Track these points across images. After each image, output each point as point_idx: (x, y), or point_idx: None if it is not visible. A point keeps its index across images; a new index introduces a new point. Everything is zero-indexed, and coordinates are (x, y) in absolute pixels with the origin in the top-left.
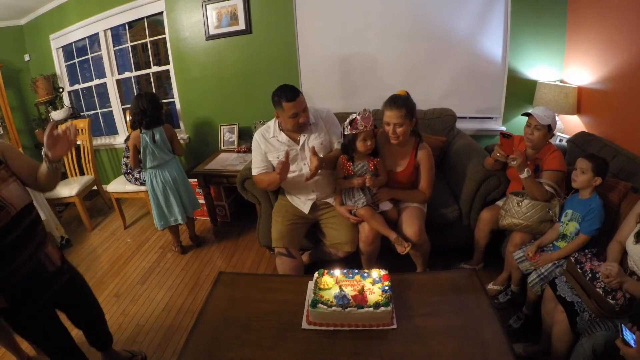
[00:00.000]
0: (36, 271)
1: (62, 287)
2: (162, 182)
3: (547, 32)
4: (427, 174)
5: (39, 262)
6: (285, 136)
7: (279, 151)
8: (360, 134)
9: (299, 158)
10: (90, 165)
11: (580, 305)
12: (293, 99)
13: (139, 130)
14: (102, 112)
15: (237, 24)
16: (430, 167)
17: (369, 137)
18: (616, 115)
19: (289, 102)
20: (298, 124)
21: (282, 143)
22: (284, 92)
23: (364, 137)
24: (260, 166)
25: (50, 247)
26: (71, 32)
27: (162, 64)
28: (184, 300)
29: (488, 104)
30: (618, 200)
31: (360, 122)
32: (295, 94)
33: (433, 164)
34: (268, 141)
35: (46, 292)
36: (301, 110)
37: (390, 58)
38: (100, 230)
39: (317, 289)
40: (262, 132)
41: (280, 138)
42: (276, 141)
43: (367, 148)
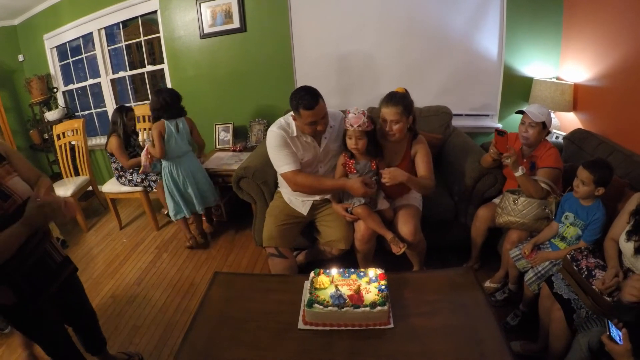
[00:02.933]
0: (44, 260)
1: (66, 279)
2: (181, 174)
3: (543, 29)
4: (425, 161)
5: (46, 252)
6: (310, 137)
7: (305, 152)
8: (347, 132)
9: (318, 159)
10: (85, 166)
11: (577, 302)
12: (312, 107)
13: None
14: (96, 112)
15: (231, 22)
16: (426, 153)
17: (355, 136)
18: (612, 112)
19: (308, 110)
20: (316, 131)
21: (307, 144)
22: (304, 97)
23: (350, 135)
24: (292, 162)
25: (54, 239)
26: (65, 32)
27: (157, 63)
28: (180, 301)
29: (484, 102)
30: (614, 196)
31: (347, 120)
32: (314, 101)
33: (429, 152)
34: (292, 139)
35: (54, 282)
36: (320, 117)
37: (386, 56)
38: (96, 231)
39: (313, 288)
40: (284, 128)
41: (305, 139)
42: (302, 141)
43: (350, 146)
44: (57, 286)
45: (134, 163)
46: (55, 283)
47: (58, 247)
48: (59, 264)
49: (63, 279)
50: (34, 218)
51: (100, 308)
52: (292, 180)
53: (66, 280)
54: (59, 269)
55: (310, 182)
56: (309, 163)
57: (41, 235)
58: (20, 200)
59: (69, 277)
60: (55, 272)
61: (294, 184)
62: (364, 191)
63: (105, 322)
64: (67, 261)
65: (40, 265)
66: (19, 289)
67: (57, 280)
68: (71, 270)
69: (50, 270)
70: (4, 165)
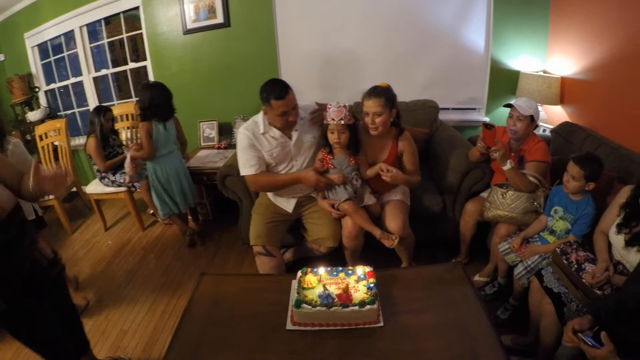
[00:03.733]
0: (33, 269)
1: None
2: (167, 172)
3: (530, 22)
4: (412, 158)
5: (35, 260)
6: (278, 132)
7: (272, 148)
8: (329, 126)
9: (291, 154)
10: (68, 167)
11: (567, 295)
12: (282, 96)
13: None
14: (79, 111)
15: (215, 17)
16: (413, 151)
17: (337, 130)
18: (600, 105)
19: (278, 100)
20: (287, 122)
21: (275, 139)
22: (273, 88)
23: (332, 129)
24: (255, 164)
25: (41, 243)
26: (46, 30)
27: (140, 60)
28: (168, 302)
29: (471, 95)
30: (603, 190)
31: (329, 114)
32: (284, 91)
33: (416, 149)
34: (258, 138)
35: (44, 283)
36: (291, 108)
37: (372, 50)
38: (81, 233)
39: (300, 288)
40: (251, 128)
41: (272, 133)
42: (269, 137)
43: (334, 141)
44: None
45: (110, 164)
46: (46, 283)
47: (45, 251)
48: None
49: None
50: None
51: (86, 312)
52: (253, 182)
53: (54, 280)
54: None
55: (267, 180)
56: (282, 159)
57: (27, 245)
58: (4, 214)
59: (58, 275)
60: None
61: (254, 184)
62: (316, 180)
63: (92, 326)
64: (56, 260)
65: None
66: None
67: (47, 280)
68: (59, 270)
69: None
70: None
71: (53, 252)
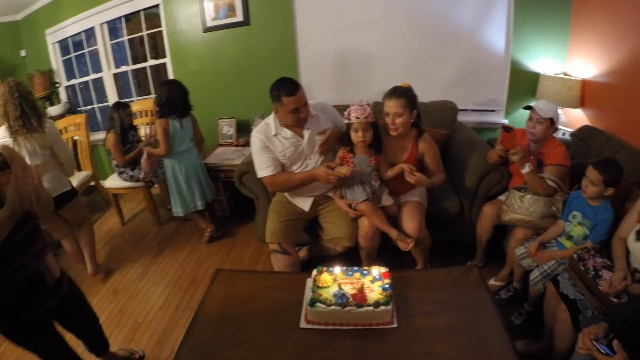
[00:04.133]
0: (34, 280)
1: (59, 301)
2: (184, 169)
3: (550, 23)
4: (434, 159)
5: (38, 272)
6: (290, 132)
7: (285, 149)
8: (352, 124)
9: (304, 154)
10: (87, 161)
11: (583, 302)
12: (293, 93)
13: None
14: (99, 106)
15: (234, 16)
16: (435, 152)
17: (362, 128)
18: (620, 108)
19: (289, 96)
20: (299, 119)
21: (287, 139)
22: (283, 86)
23: (356, 127)
24: (270, 166)
25: (50, 259)
26: (67, 27)
27: (160, 57)
28: (182, 297)
29: (490, 97)
30: (622, 195)
31: (353, 112)
32: (295, 87)
33: (437, 149)
34: (271, 139)
35: (43, 304)
36: (302, 104)
37: (391, 49)
38: (98, 227)
39: (315, 287)
40: (263, 131)
41: (284, 134)
42: (281, 138)
43: (359, 139)
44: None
45: (128, 159)
46: (44, 305)
47: (52, 268)
48: (51, 286)
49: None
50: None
51: (101, 304)
52: (269, 183)
53: (65, 297)
54: (51, 291)
55: (283, 180)
56: (295, 159)
57: (34, 254)
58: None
59: (69, 292)
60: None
61: (271, 186)
62: (328, 178)
63: (106, 318)
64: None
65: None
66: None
67: (46, 302)
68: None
69: (40, 292)
70: (7, 173)
71: (61, 272)
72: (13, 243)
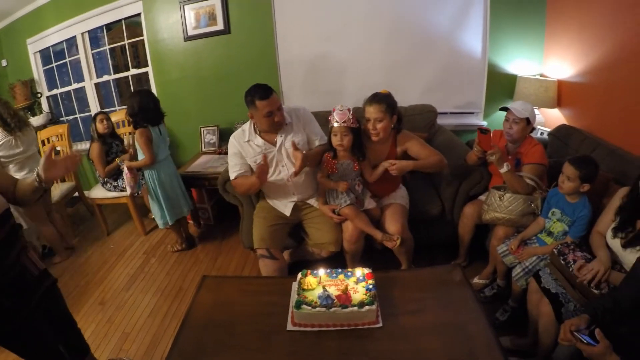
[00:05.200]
0: (22, 275)
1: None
2: (168, 176)
3: (526, 26)
4: (420, 146)
5: (24, 267)
6: (261, 139)
7: (256, 155)
8: (332, 128)
9: (276, 160)
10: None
11: (565, 296)
12: (267, 96)
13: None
14: (81, 116)
15: (215, 24)
16: (417, 140)
17: (340, 132)
18: (596, 107)
19: (263, 100)
20: (273, 123)
21: (258, 146)
22: (257, 90)
23: (335, 132)
24: (237, 170)
25: (32, 253)
26: (48, 36)
27: (141, 66)
28: (170, 305)
29: (469, 99)
30: (600, 191)
31: (333, 116)
32: (268, 92)
33: (418, 137)
34: (243, 145)
35: (33, 295)
36: (275, 108)
37: (370, 56)
38: (83, 238)
39: (300, 289)
40: (238, 136)
41: (256, 142)
42: (253, 145)
43: (337, 144)
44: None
45: (109, 170)
46: (34, 295)
47: (36, 261)
48: (37, 276)
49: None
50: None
51: (88, 315)
52: (234, 185)
53: (46, 292)
54: (38, 281)
55: (242, 183)
56: (270, 164)
57: (17, 251)
58: None
59: (49, 289)
60: (34, 284)
61: (236, 187)
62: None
63: (94, 329)
64: (44, 275)
65: (19, 280)
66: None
67: (36, 292)
68: (50, 283)
69: (28, 285)
70: None
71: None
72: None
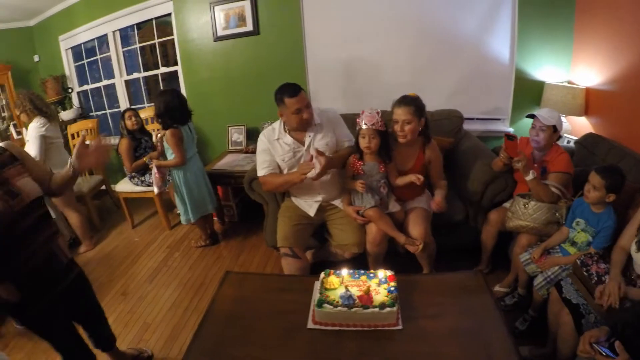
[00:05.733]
0: (49, 260)
1: (73, 281)
2: (195, 173)
3: (554, 32)
4: (438, 167)
5: (52, 252)
6: (291, 138)
7: (284, 154)
8: (360, 130)
9: (305, 160)
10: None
11: (586, 307)
12: (295, 94)
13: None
14: (110, 112)
15: (244, 25)
16: (440, 160)
17: (368, 135)
18: (624, 116)
19: (292, 97)
20: (302, 120)
21: (287, 145)
22: (286, 89)
23: (363, 134)
24: (267, 167)
25: (61, 241)
26: (80, 34)
27: (170, 65)
28: (191, 299)
29: (495, 105)
30: (626, 202)
31: (362, 118)
32: (296, 89)
33: (441, 158)
34: (273, 143)
35: (60, 282)
36: (304, 105)
37: (397, 59)
38: (109, 230)
39: (323, 288)
40: (268, 134)
41: (285, 140)
42: (282, 143)
43: (365, 146)
44: (64, 287)
45: (136, 167)
46: (60, 285)
47: (64, 249)
48: (65, 265)
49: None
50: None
51: (111, 305)
52: (262, 182)
53: (73, 282)
54: (66, 269)
55: (271, 181)
56: (294, 164)
57: (47, 236)
58: (27, 200)
59: (76, 278)
60: (61, 272)
61: (264, 185)
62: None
63: (116, 318)
64: (72, 264)
65: (46, 264)
66: (23, 286)
67: (62, 282)
68: (77, 274)
69: (55, 272)
70: (16, 166)
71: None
72: (26, 228)
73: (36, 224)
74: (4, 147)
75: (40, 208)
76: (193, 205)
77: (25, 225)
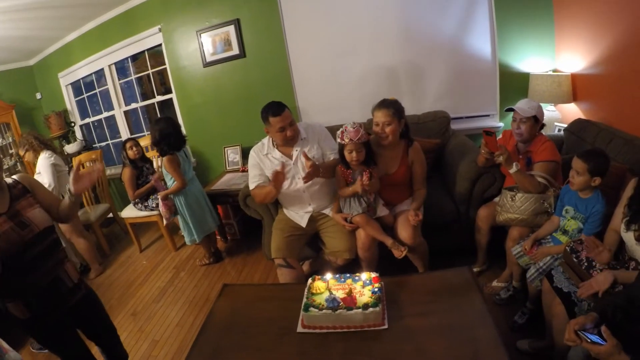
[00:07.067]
0: (55, 285)
1: (79, 301)
2: (194, 195)
3: (534, 22)
4: (421, 168)
5: (58, 278)
6: (279, 153)
7: (274, 167)
8: (346, 146)
9: (293, 173)
10: (104, 194)
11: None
12: (279, 113)
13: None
14: (112, 142)
15: (231, 50)
16: (423, 162)
17: (355, 149)
18: (610, 97)
19: (275, 116)
20: (286, 137)
21: (276, 159)
22: (270, 108)
23: (350, 148)
24: (256, 181)
25: (69, 266)
26: (78, 69)
27: (169, 92)
28: (197, 315)
29: (483, 102)
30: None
31: (347, 135)
32: (280, 109)
33: (424, 159)
34: (262, 158)
35: (64, 303)
36: (287, 124)
37: (381, 68)
38: (118, 255)
39: (309, 293)
40: (258, 149)
41: (274, 154)
42: (271, 157)
43: (352, 159)
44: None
45: (138, 195)
46: (65, 304)
47: (71, 274)
48: (70, 288)
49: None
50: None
51: (121, 324)
52: (252, 195)
53: (80, 302)
54: (70, 292)
55: (259, 192)
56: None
57: (54, 262)
58: (37, 230)
59: (83, 298)
60: (66, 295)
61: (253, 196)
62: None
63: (127, 336)
64: (77, 287)
65: (51, 289)
66: (31, 305)
67: (67, 301)
68: (84, 294)
69: (61, 294)
70: (28, 198)
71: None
72: (36, 254)
73: (45, 250)
74: (17, 179)
75: (50, 235)
76: (197, 226)
77: (35, 251)
